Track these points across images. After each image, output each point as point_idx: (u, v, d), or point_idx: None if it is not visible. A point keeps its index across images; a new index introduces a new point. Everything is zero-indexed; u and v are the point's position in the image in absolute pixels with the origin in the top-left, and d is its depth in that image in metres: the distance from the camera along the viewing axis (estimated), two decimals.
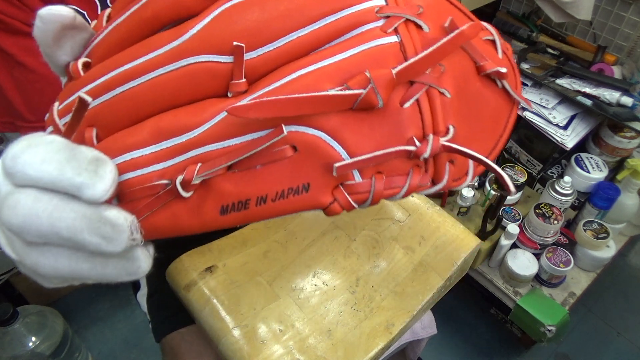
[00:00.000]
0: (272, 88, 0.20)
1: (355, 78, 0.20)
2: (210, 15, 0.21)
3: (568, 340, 1.35)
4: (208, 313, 0.55)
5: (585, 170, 1.08)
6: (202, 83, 0.20)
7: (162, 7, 0.22)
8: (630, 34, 1.09)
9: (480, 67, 0.23)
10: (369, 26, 0.21)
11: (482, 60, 0.23)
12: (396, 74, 0.20)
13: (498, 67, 0.23)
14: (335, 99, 0.19)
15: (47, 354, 1.01)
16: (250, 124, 0.20)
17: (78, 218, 0.19)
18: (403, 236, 0.62)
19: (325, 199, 0.22)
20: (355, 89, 0.20)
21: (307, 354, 0.52)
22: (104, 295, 1.46)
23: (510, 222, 1.06)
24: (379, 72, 0.20)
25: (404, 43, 0.21)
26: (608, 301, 1.44)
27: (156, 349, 0.73)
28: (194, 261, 0.60)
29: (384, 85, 0.20)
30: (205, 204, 0.21)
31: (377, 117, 0.21)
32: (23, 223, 0.19)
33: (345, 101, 0.20)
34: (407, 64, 0.20)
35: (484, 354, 1.34)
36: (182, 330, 0.69)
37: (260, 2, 0.20)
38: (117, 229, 0.19)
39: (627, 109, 1.03)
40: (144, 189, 0.21)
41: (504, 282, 1.11)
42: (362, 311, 0.56)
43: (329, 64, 0.20)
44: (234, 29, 0.20)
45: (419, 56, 0.20)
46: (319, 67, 0.20)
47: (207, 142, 0.20)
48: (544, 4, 1.11)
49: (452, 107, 0.22)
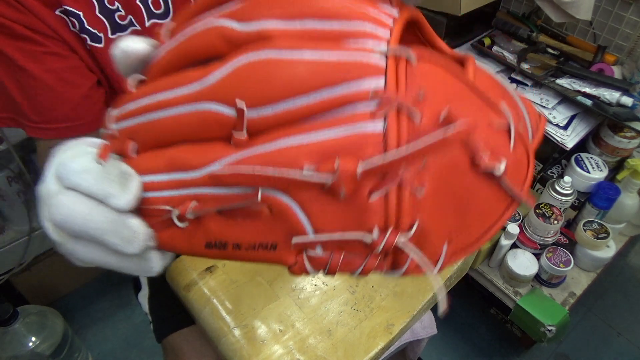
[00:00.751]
0: (259, 152, 0.22)
1: (327, 163, 0.21)
2: (229, 67, 0.23)
3: (568, 340, 1.35)
4: (208, 313, 0.55)
5: (585, 170, 1.08)
6: (212, 128, 0.23)
7: (196, 46, 0.25)
8: (630, 34, 1.09)
9: (474, 163, 0.22)
10: (361, 108, 0.21)
11: (478, 155, 0.22)
12: (361, 173, 0.21)
13: (496, 164, 0.22)
14: (303, 181, 0.21)
15: (47, 354, 1.01)
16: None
17: (105, 222, 0.23)
18: None
19: (289, 260, 0.24)
20: (324, 175, 0.21)
21: (307, 354, 0.52)
22: (104, 295, 1.46)
23: (510, 222, 1.06)
24: (346, 165, 0.21)
25: (387, 134, 0.21)
26: (608, 301, 1.44)
27: (156, 349, 0.73)
28: (194, 261, 0.60)
29: (348, 180, 0.21)
30: (195, 235, 0.25)
31: (344, 201, 0.22)
32: (63, 220, 0.23)
33: (312, 185, 0.22)
34: (378, 163, 0.21)
35: (484, 354, 1.34)
36: (184, 330, 0.69)
37: (268, 67, 0.22)
38: (135, 235, 0.23)
39: (627, 109, 1.03)
40: (155, 209, 0.24)
41: (504, 282, 1.11)
42: (362, 311, 0.56)
43: (311, 142, 0.21)
44: (244, 87, 0.22)
45: (396, 153, 0.20)
46: (302, 144, 0.22)
47: (204, 185, 0.23)
48: (544, 4, 1.11)
49: (426, 203, 0.22)
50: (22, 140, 1.03)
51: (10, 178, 1.09)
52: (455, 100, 0.22)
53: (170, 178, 0.24)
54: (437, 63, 0.23)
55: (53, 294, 1.41)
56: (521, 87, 1.14)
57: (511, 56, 1.19)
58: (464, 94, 0.23)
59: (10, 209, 1.13)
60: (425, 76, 0.22)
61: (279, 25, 0.23)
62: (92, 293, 1.46)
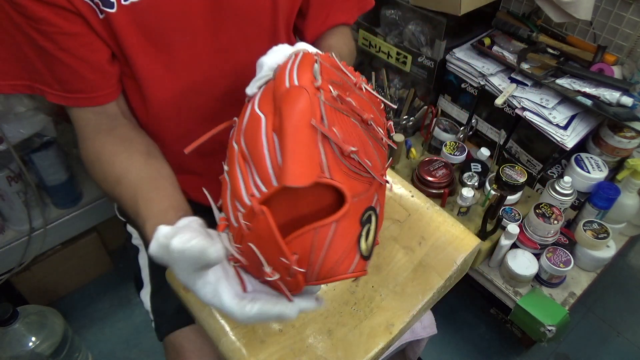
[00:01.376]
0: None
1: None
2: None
3: (568, 340, 1.35)
4: (208, 313, 0.55)
5: (585, 170, 1.08)
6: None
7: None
8: (630, 34, 1.09)
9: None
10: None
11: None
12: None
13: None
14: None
15: (47, 354, 1.01)
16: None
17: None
18: (403, 236, 0.62)
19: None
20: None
21: (307, 354, 0.52)
22: (104, 295, 1.46)
23: (510, 222, 1.06)
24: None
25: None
26: (608, 301, 1.44)
27: (156, 349, 0.73)
28: None
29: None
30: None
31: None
32: (184, 261, 0.38)
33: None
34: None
35: (484, 354, 1.34)
36: (185, 328, 0.69)
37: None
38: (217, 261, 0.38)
39: (627, 109, 1.03)
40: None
41: (504, 282, 1.11)
42: (362, 311, 0.56)
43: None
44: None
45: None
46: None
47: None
48: (544, 4, 1.11)
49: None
50: (22, 140, 1.04)
51: (10, 178, 1.09)
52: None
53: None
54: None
55: (53, 294, 1.41)
56: (521, 87, 1.14)
57: (511, 56, 1.19)
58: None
59: (10, 209, 1.13)
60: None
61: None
62: (92, 293, 1.46)
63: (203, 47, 0.62)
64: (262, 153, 0.38)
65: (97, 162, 0.57)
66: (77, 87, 0.57)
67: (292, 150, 0.36)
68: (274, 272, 0.38)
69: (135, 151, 0.57)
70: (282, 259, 0.37)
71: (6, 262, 1.17)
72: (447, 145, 1.20)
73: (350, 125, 0.42)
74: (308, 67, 0.42)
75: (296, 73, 0.41)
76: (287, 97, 0.39)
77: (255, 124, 0.40)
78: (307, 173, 0.36)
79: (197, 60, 0.62)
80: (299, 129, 0.37)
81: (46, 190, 1.21)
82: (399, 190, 0.66)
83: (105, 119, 0.61)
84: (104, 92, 0.59)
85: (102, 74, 0.58)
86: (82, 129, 0.61)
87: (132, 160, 0.56)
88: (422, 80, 1.27)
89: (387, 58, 1.31)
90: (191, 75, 0.63)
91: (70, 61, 0.55)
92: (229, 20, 0.62)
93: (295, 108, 0.38)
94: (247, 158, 0.40)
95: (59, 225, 1.23)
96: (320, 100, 0.39)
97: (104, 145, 0.58)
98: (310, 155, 0.37)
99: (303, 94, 0.39)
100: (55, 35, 0.52)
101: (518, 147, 1.18)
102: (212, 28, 0.61)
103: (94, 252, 1.42)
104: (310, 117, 0.38)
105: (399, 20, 1.24)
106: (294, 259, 0.37)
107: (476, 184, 1.13)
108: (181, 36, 0.59)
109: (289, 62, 0.43)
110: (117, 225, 0.85)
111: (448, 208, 1.16)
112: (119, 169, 0.55)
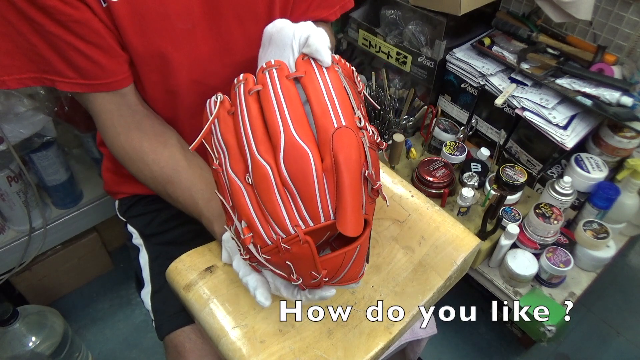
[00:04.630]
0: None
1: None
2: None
3: (568, 340, 1.35)
4: (208, 313, 0.55)
5: (585, 170, 1.08)
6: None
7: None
8: (630, 34, 1.09)
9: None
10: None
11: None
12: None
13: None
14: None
15: (47, 354, 1.01)
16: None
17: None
18: (403, 236, 0.62)
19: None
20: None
21: (307, 354, 0.52)
22: (104, 295, 1.46)
23: (510, 222, 1.06)
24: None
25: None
26: (608, 301, 1.44)
27: (156, 349, 0.73)
28: (194, 261, 0.60)
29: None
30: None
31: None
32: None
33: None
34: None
35: (484, 354, 1.34)
36: (186, 328, 0.69)
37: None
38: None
39: (627, 109, 1.03)
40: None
41: (504, 282, 1.11)
42: (362, 311, 0.56)
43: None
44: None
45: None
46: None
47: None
48: (544, 4, 1.11)
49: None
50: (22, 140, 1.03)
51: (10, 178, 1.09)
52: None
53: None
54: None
55: (53, 294, 1.41)
56: (521, 87, 1.14)
57: (511, 56, 1.19)
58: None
59: (10, 209, 1.13)
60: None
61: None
62: (92, 293, 1.46)
63: (201, 35, 0.62)
64: (314, 193, 0.41)
65: (140, 161, 0.62)
66: (93, 73, 0.58)
67: (351, 205, 0.40)
68: (299, 277, 0.45)
69: (172, 146, 0.63)
70: (313, 272, 0.44)
71: (6, 262, 1.17)
72: (447, 145, 1.20)
73: (374, 156, 0.46)
74: (346, 99, 0.44)
75: (339, 107, 0.43)
76: (339, 143, 0.41)
77: (303, 160, 0.41)
78: (360, 222, 0.41)
79: (196, 49, 0.63)
80: (355, 180, 0.41)
81: (46, 190, 1.21)
82: (399, 190, 0.66)
83: (127, 110, 0.62)
84: (119, 78, 0.60)
85: (115, 59, 0.58)
86: (107, 122, 0.62)
87: (176, 159, 0.62)
88: (422, 80, 1.27)
89: (387, 58, 1.31)
90: (190, 64, 0.63)
91: (84, 47, 0.55)
92: (227, 9, 0.62)
93: (350, 158, 0.41)
94: (291, 190, 0.41)
95: (59, 225, 1.23)
96: (365, 144, 0.43)
97: (142, 142, 0.62)
98: (360, 206, 0.42)
99: (353, 140, 0.42)
100: (68, 23, 0.53)
101: (518, 147, 1.18)
102: (211, 17, 0.62)
103: (94, 252, 1.42)
104: (361, 166, 0.42)
105: (399, 20, 1.24)
106: (324, 274, 0.44)
107: (476, 184, 1.13)
108: (181, 24, 0.60)
109: (320, 84, 0.44)
110: (117, 225, 0.85)
111: (448, 208, 1.16)
112: (168, 170, 0.61)
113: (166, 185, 0.62)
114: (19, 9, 0.51)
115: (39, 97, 1.05)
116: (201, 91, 0.67)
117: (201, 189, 0.60)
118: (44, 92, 1.05)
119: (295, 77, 0.44)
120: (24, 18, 0.52)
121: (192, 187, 0.61)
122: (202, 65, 0.65)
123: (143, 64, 0.61)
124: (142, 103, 0.65)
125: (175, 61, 0.62)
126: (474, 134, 1.28)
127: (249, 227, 0.44)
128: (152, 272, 0.76)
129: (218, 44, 0.65)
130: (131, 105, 0.63)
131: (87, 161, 1.33)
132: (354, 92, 0.47)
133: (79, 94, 0.61)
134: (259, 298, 0.51)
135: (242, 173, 0.44)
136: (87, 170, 1.33)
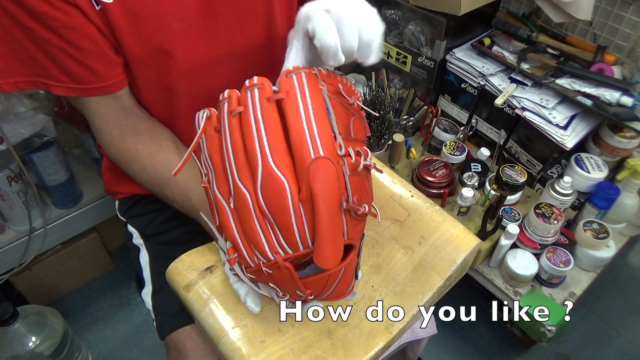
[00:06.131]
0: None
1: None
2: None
3: (568, 340, 1.35)
4: (208, 313, 0.55)
5: (585, 170, 1.08)
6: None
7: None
8: (630, 34, 1.09)
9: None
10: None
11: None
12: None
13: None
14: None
15: (47, 354, 1.01)
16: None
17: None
18: (403, 236, 0.62)
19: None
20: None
21: (307, 354, 0.52)
22: (104, 295, 1.46)
23: (510, 222, 1.06)
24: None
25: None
26: (608, 301, 1.44)
27: (156, 349, 0.73)
28: (194, 261, 0.60)
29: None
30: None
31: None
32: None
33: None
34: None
35: (484, 354, 1.34)
36: (187, 327, 0.69)
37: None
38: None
39: (627, 109, 1.03)
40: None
41: (504, 282, 1.11)
42: (362, 311, 0.56)
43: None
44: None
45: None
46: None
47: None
48: (544, 4, 1.11)
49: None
50: (22, 140, 1.04)
51: (10, 178, 1.09)
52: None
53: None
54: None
55: (53, 294, 1.41)
56: (521, 87, 1.14)
57: (511, 56, 1.19)
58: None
59: (10, 209, 1.14)
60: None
61: None
62: (92, 293, 1.46)
63: (197, 34, 0.62)
64: (290, 223, 0.40)
65: (137, 164, 0.63)
66: (86, 77, 0.58)
67: (327, 239, 0.40)
68: (285, 294, 0.47)
69: (167, 147, 0.64)
70: (298, 292, 0.45)
71: (6, 262, 1.17)
72: (447, 145, 1.20)
73: (358, 181, 0.44)
74: (326, 126, 0.42)
75: (317, 135, 0.40)
76: (315, 175, 0.39)
77: (279, 190, 0.40)
78: (339, 252, 0.41)
79: (193, 48, 0.63)
80: (332, 212, 0.40)
81: (46, 190, 1.21)
82: (399, 190, 0.66)
83: (122, 113, 0.62)
84: (113, 81, 0.60)
85: (109, 63, 0.58)
86: (102, 126, 0.62)
87: (171, 161, 0.62)
88: (422, 80, 1.27)
89: (387, 58, 1.31)
90: (186, 63, 0.63)
91: (76, 53, 0.55)
92: (224, 7, 0.62)
93: (326, 190, 0.39)
94: (268, 218, 0.41)
95: (59, 225, 1.23)
96: (345, 174, 0.42)
97: (137, 145, 0.62)
98: (340, 236, 0.41)
99: (331, 171, 0.40)
100: (59, 29, 0.53)
101: (518, 147, 1.18)
102: (207, 15, 0.62)
103: (94, 252, 1.42)
104: (340, 196, 0.41)
105: (399, 20, 1.24)
106: (308, 293, 0.45)
107: (476, 184, 1.13)
108: (177, 23, 0.60)
109: (300, 109, 0.41)
110: (117, 225, 0.85)
111: (448, 208, 1.16)
112: (163, 172, 0.62)
113: (163, 187, 0.63)
114: (12, 15, 0.51)
115: (39, 97, 1.05)
116: (198, 89, 0.67)
117: (197, 190, 0.61)
118: (44, 92, 1.05)
119: (277, 99, 0.42)
120: (17, 23, 0.52)
121: (188, 188, 0.61)
122: (199, 63, 0.65)
123: (139, 63, 0.61)
124: (137, 105, 0.65)
125: (171, 58, 0.62)
126: (474, 134, 1.28)
127: (234, 248, 0.44)
128: (153, 272, 0.76)
129: (215, 42, 0.65)
130: (126, 108, 0.63)
131: (87, 161, 1.33)
132: (342, 111, 0.46)
133: (73, 98, 0.61)
134: (249, 304, 0.53)
135: (227, 194, 0.44)
136: (87, 170, 1.33)
